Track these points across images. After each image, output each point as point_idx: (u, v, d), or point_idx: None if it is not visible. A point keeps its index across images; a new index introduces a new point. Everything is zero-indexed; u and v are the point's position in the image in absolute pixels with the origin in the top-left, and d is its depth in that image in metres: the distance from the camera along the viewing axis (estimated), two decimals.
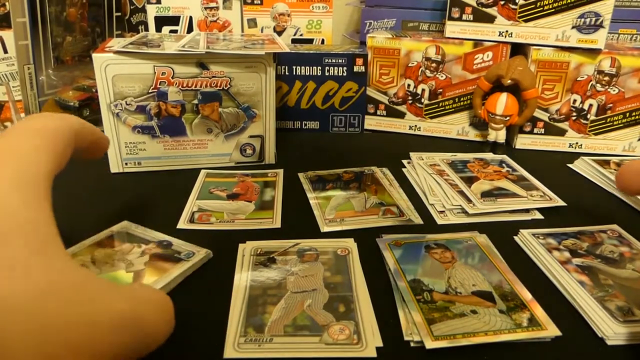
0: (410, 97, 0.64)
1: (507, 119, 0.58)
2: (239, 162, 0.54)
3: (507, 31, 0.58)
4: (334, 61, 0.62)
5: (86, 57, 0.70)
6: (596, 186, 0.52)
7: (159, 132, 0.51)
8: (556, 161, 0.58)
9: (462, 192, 0.47)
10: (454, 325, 0.30)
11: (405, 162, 0.56)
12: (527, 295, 0.33)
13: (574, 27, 0.56)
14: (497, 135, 0.59)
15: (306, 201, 0.46)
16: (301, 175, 0.52)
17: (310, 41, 0.74)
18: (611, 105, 0.59)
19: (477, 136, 0.64)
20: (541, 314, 0.31)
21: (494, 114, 0.58)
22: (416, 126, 0.66)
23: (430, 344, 0.29)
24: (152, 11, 0.70)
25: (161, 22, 0.71)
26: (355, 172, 0.53)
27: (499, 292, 0.34)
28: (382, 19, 0.69)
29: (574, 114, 0.60)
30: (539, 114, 0.60)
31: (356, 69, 0.63)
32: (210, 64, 0.49)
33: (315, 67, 0.63)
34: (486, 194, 0.47)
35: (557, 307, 0.33)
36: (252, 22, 0.72)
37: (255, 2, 0.71)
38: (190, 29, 0.72)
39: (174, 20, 0.71)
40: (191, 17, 0.71)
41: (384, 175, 0.52)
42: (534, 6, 0.56)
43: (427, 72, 0.62)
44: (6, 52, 0.59)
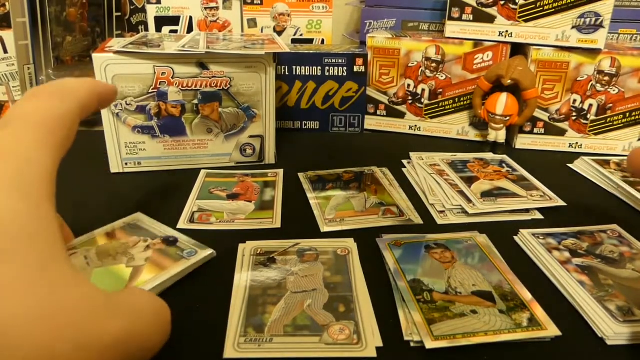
0: (410, 97, 0.64)
1: (507, 119, 0.58)
2: (239, 162, 0.54)
3: (507, 31, 0.58)
4: (334, 61, 0.62)
5: (86, 57, 0.70)
6: (596, 186, 0.52)
7: (159, 132, 0.51)
8: (556, 161, 0.58)
9: (462, 192, 0.47)
10: (454, 325, 0.30)
11: (405, 162, 0.56)
12: (527, 295, 0.33)
13: (574, 27, 0.56)
14: (497, 135, 0.59)
15: (306, 201, 0.46)
16: (301, 175, 0.52)
17: (310, 41, 0.74)
18: (611, 105, 0.59)
19: (477, 136, 0.64)
20: (541, 314, 0.31)
21: (494, 114, 0.58)
22: (416, 126, 0.66)
23: (430, 344, 0.29)
24: (152, 11, 0.70)
25: (161, 22, 0.71)
26: (355, 172, 0.53)
27: (499, 292, 0.34)
28: (382, 19, 0.69)
29: (574, 114, 0.60)
30: (539, 114, 0.60)
31: (356, 69, 0.63)
32: (210, 64, 0.49)
33: (315, 67, 0.63)
34: (486, 194, 0.47)
35: (557, 307, 0.33)
36: (252, 22, 0.72)
37: (255, 2, 0.71)
38: (190, 29, 0.72)
39: (174, 20, 0.71)
40: (191, 17, 0.71)
41: (384, 175, 0.52)
42: (534, 6, 0.56)
43: (427, 72, 0.62)
44: (6, 52, 0.59)
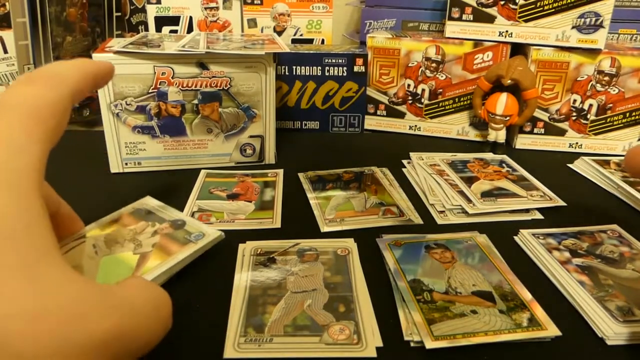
0: (410, 97, 0.64)
1: (507, 119, 0.58)
2: (239, 162, 0.54)
3: (507, 31, 0.58)
4: (334, 61, 0.62)
5: (86, 57, 0.70)
6: (596, 186, 0.52)
7: (159, 132, 0.51)
8: (556, 161, 0.58)
9: (462, 192, 0.47)
10: (454, 325, 0.30)
11: (405, 162, 0.56)
12: (527, 295, 0.33)
13: (574, 27, 0.56)
14: (497, 135, 0.59)
15: (306, 201, 0.46)
16: (301, 175, 0.52)
17: (310, 41, 0.74)
18: (611, 105, 0.59)
19: (477, 136, 0.64)
20: (541, 314, 0.31)
21: (494, 114, 0.58)
22: (416, 126, 0.66)
23: (430, 344, 0.29)
24: (152, 11, 0.70)
25: (161, 22, 0.71)
26: (355, 172, 0.52)
27: (499, 292, 0.34)
28: (382, 19, 0.69)
29: (574, 114, 0.60)
30: (539, 114, 0.60)
31: (356, 69, 0.63)
32: (210, 64, 0.49)
33: (315, 67, 0.63)
34: (486, 194, 0.47)
35: (557, 307, 0.33)
36: (252, 22, 0.72)
37: (255, 2, 0.71)
38: (190, 29, 0.72)
39: (174, 20, 0.71)
40: (191, 17, 0.71)
41: (384, 175, 0.52)
42: (534, 6, 0.56)
43: (427, 72, 0.62)
44: (6, 52, 0.59)
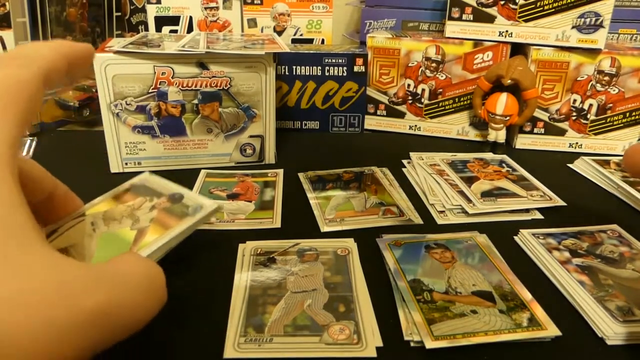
0: (410, 97, 0.64)
1: (507, 119, 0.58)
2: (239, 162, 0.54)
3: (507, 31, 0.58)
4: (334, 61, 0.62)
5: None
6: (596, 186, 0.52)
7: (159, 132, 0.51)
8: (556, 161, 0.58)
9: (462, 192, 0.47)
10: (454, 325, 0.30)
11: (405, 162, 0.56)
12: (527, 295, 0.33)
13: (574, 27, 0.56)
14: (497, 135, 0.59)
15: (306, 201, 0.46)
16: (301, 175, 0.52)
17: (310, 41, 0.74)
18: (611, 105, 0.59)
19: (477, 136, 0.64)
20: (541, 314, 0.31)
21: (494, 113, 0.58)
22: (416, 126, 0.66)
23: (430, 344, 0.29)
24: (152, 11, 0.70)
25: (161, 22, 0.71)
26: (355, 172, 0.53)
27: (499, 292, 0.34)
28: (382, 19, 0.69)
29: (574, 114, 0.60)
30: (538, 113, 0.60)
31: (356, 69, 0.63)
32: (210, 64, 0.49)
33: (315, 67, 0.63)
34: (486, 194, 0.47)
35: (557, 307, 0.33)
36: (252, 22, 0.72)
37: (255, 2, 0.71)
38: (190, 29, 0.72)
39: (174, 20, 0.71)
40: (191, 17, 0.71)
41: (384, 175, 0.52)
42: (534, 6, 0.56)
43: (427, 72, 0.62)
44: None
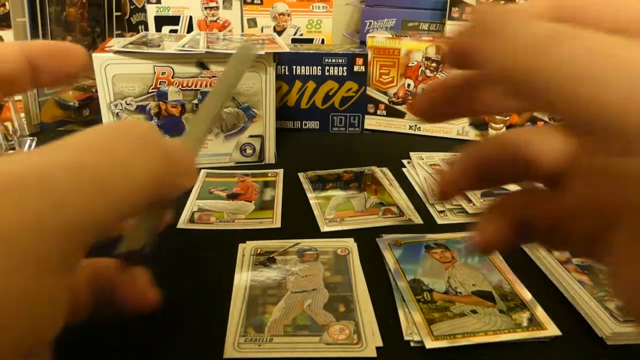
0: (410, 97, 0.64)
1: (507, 118, 0.58)
2: (239, 162, 0.54)
3: None
4: (334, 61, 0.62)
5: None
6: None
7: None
8: None
9: None
10: (454, 325, 0.30)
11: (405, 162, 0.56)
12: (527, 295, 0.33)
13: None
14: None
15: (306, 201, 0.46)
16: (301, 175, 0.52)
17: (310, 41, 0.74)
18: None
19: (477, 136, 0.64)
20: (541, 314, 0.31)
21: None
22: (416, 126, 0.66)
23: (430, 344, 0.29)
24: (152, 11, 0.70)
25: (161, 22, 0.71)
26: (355, 172, 0.52)
27: (499, 292, 0.34)
28: (382, 19, 0.69)
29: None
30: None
31: (356, 68, 0.63)
32: (210, 64, 0.49)
33: (315, 67, 0.63)
34: (486, 194, 0.47)
35: (557, 307, 0.33)
36: (252, 22, 0.72)
37: (255, 2, 0.71)
38: (190, 29, 0.72)
39: (174, 20, 0.71)
40: (191, 17, 0.71)
41: (384, 175, 0.52)
42: None
43: (427, 72, 0.62)
44: None
